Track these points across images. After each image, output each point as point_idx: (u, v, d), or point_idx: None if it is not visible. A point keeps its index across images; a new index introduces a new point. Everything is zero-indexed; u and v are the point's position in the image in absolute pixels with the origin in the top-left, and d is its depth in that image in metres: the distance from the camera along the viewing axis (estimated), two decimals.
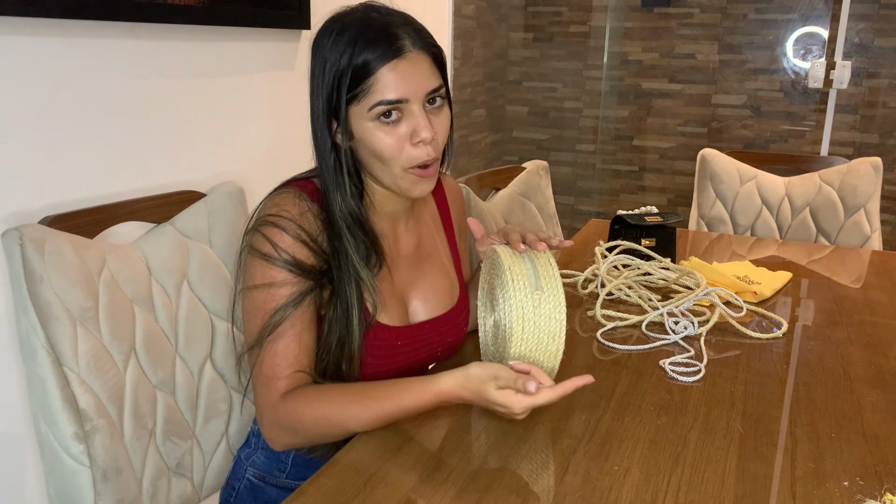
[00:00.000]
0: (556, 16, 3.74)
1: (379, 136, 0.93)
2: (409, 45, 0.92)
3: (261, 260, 0.94)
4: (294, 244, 0.94)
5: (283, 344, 0.93)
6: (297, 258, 0.94)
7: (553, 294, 0.94)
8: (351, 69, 0.91)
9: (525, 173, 1.93)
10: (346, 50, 0.91)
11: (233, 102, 1.55)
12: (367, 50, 0.90)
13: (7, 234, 0.96)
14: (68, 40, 1.19)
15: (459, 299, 1.12)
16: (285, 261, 0.93)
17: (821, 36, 3.26)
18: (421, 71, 0.93)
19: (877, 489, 0.82)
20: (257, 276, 0.94)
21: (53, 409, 0.95)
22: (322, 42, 0.95)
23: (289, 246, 0.94)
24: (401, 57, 0.91)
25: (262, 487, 1.09)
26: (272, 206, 0.97)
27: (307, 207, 0.96)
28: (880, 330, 1.31)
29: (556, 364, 0.97)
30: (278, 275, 0.93)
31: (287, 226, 0.94)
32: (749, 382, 1.08)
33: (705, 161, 2.31)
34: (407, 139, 0.93)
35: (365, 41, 0.91)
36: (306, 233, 0.95)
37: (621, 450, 0.89)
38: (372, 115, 0.92)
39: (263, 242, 0.94)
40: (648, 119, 3.67)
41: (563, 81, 3.81)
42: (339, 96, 0.92)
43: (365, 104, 0.92)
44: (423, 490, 0.80)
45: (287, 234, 0.94)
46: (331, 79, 0.93)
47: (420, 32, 0.95)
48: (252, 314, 0.95)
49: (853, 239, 2.17)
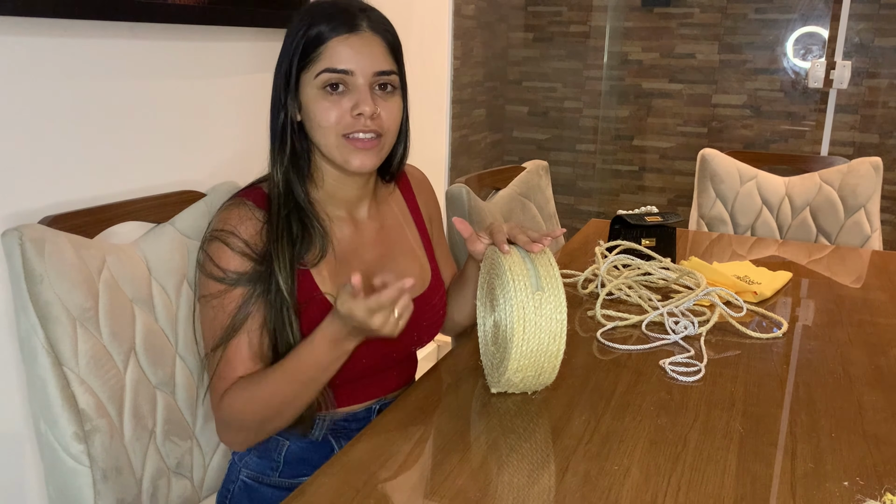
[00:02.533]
0: (556, 16, 3.74)
1: (323, 104, 0.97)
2: (364, 25, 0.97)
3: (205, 276, 0.99)
4: (233, 257, 0.98)
5: (231, 350, 0.97)
6: (237, 270, 0.97)
7: (554, 294, 0.94)
8: (304, 38, 0.96)
9: (525, 173, 1.93)
10: (303, 23, 0.97)
11: (233, 102, 1.55)
12: (322, 22, 0.96)
13: (7, 234, 0.95)
14: (68, 40, 1.19)
15: (431, 284, 1.13)
16: (228, 277, 0.97)
17: (821, 36, 3.26)
18: (371, 49, 0.97)
19: (877, 489, 0.82)
20: (205, 290, 0.99)
21: (53, 409, 0.95)
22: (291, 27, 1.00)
23: (230, 261, 0.98)
24: (354, 32, 0.96)
25: (256, 488, 1.09)
26: (218, 220, 1.01)
27: (249, 215, 1.00)
28: (880, 330, 1.31)
29: (557, 364, 0.97)
30: (221, 290, 0.97)
31: (227, 240, 0.98)
32: (749, 382, 1.08)
33: (705, 161, 2.31)
34: (348, 112, 0.97)
35: (322, 16, 0.97)
36: (244, 242, 0.98)
37: (621, 450, 0.89)
38: (318, 83, 0.96)
39: (207, 259, 0.99)
40: (648, 119, 3.67)
41: (563, 81, 3.81)
42: (290, 64, 0.98)
43: (313, 71, 0.96)
44: (424, 490, 0.80)
45: (227, 249, 0.98)
46: (289, 49, 0.98)
47: (379, 18, 1.00)
48: (204, 326, 1.00)
49: (853, 239, 2.17)
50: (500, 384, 1.01)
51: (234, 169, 1.57)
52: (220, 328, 0.97)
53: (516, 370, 0.96)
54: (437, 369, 1.13)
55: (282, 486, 1.08)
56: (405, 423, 0.95)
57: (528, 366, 0.96)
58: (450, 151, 3.02)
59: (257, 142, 1.64)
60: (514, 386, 1.00)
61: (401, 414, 0.98)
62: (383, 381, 1.12)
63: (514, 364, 0.95)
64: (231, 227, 0.99)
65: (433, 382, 1.08)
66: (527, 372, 0.97)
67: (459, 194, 1.58)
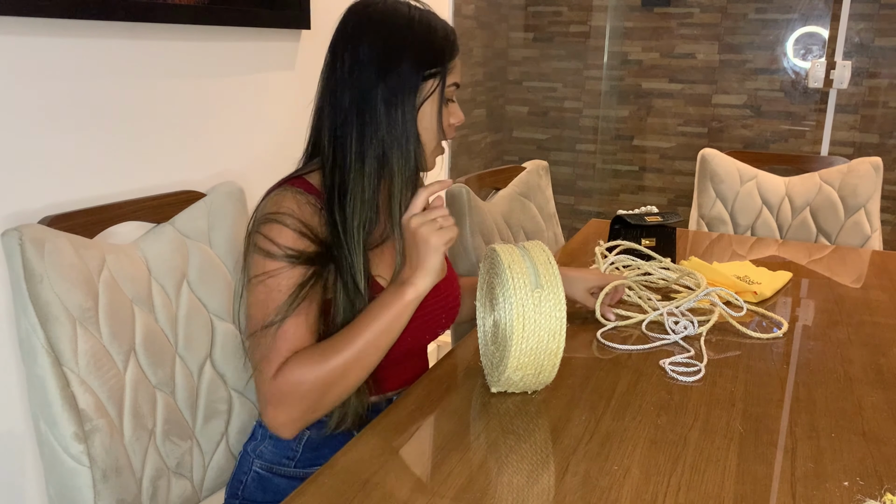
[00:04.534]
0: (556, 16, 3.74)
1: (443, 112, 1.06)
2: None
3: (262, 256, 0.97)
4: (294, 237, 0.97)
5: (285, 328, 0.96)
6: (297, 249, 0.97)
7: (553, 292, 0.94)
8: (447, 48, 1.04)
9: (525, 173, 1.93)
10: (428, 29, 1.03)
11: (233, 102, 1.55)
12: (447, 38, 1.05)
13: (7, 234, 0.95)
14: (67, 40, 1.19)
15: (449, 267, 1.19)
16: (286, 255, 0.96)
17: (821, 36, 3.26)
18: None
19: (877, 489, 0.82)
20: (259, 270, 0.97)
21: (53, 409, 0.95)
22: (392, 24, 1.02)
23: (289, 240, 0.97)
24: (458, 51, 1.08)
25: (269, 478, 1.10)
26: (271, 204, 1.00)
27: (304, 200, 1.00)
28: (880, 330, 1.31)
29: (557, 362, 0.97)
30: (279, 267, 0.96)
31: (286, 220, 0.98)
32: (749, 382, 1.08)
33: (705, 161, 2.31)
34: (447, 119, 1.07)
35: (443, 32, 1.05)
36: (305, 225, 0.98)
37: (621, 450, 0.89)
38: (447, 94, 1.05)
39: (264, 240, 0.97)
40: (648, 119, 3.67)
41: (563, 81, 3.81)
42: (433, 68, 1.03)
43: (447, 81, 1.05)
44: (423, 490, 0.80)
45: (287, 229, 0.97)
46: (430, 56, 1.02)
47: None
48: (255, 307, 0.97)
49: (853, 239, 2.17)
50: (500, 383, 1.01)
51: (234, 169, 1.57)
52: (274, 307, 0.95)
53: (516, 368, 0.96)
54: (437, 369, 1.13)
55: (296, 476, 1.09)
56: (405, 423, 0.95)
57: (528, 364, 0.96)
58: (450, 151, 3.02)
59: (257, 142, 1.64)
60: (513, 385, 1.00)
61: (401, 414, 0.98)
62: (407, 370, 1.14)
63: (514, 362, 0.95)
64: (287, 209, 0.99)
65: (433, 382, 1.08)
66: (527, 370, 0.97)
67: (459, 194, 1.58)
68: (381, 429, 0.93)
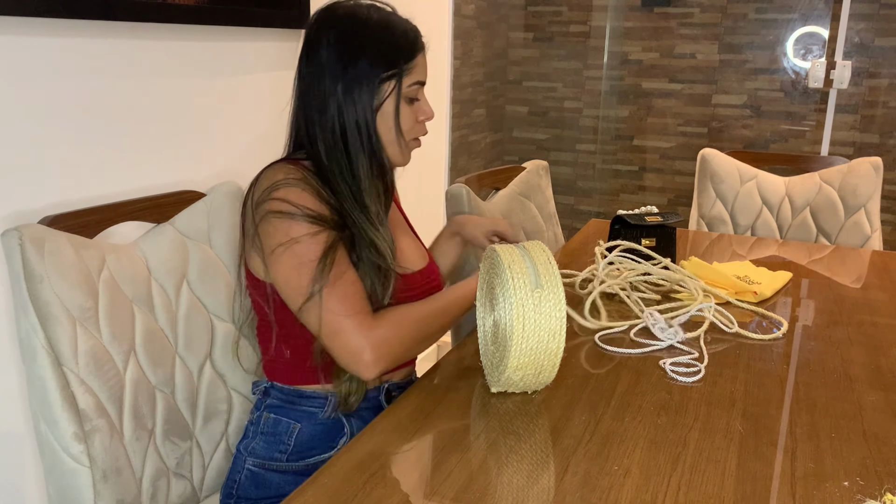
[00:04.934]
0: (556, 15, 3.74)
1: (405, 111, 1.08)
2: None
3: (285, 219, 0.98)
4: (310, 198, 1.00)
5: (347, 282, 0.99)
6: (317, 210, 1.00)
7: (553, 292, 0.94)
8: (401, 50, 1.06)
9: (525, 173, 1.93)
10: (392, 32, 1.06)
11: (233, 102, 1.55)
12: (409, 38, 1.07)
13: (7, 234, 0.95)
14: (68, 40, 1.19)
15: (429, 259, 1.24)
16: (307, 214, 0.98)
17: (821, 36, 3.26)
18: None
19: (877, 489, 0.82)
20: (285, 234, 0.98)
21: (53, 409, 0.95)
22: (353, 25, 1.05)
23: (307, 200, 1.00)
24: (424, 48, 1.10)
25: (262, 475, 1.10)
26: (276, 173, 1.02)
27: (304, 174, 1.03)
28: (880, 330, 1.31)
29: (557, 362, 0.97)
30: (307, 227, 0.98)
31: (299, 184, 1.01)
32: (749, 382, 1.08)
33: (705, 161, 2.31)
34: (415, 117, 1.10)
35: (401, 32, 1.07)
36: (314, 189, 1.01)
37: (621, 450, 0.89)
38: (409, 93, 1.07)
39: (281, 203, 0.99)
40: (648, 119, 3.67)
41: (563, 81, 3.80)
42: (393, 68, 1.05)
43: (407, 80, 1.06)
44: (423, 490, 0.80)
45: (303, 192, 1.00)
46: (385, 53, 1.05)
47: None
48: (297, 270, 0.98)
49: (853, 239, 2.17)
50: (500, 383, 1.01)
51: (234, 169, 1.57)
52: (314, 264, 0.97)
53: (516, 368, 0.96)
54: (437, 369, 1.13)
55: (289, 470, 1.10)
56: (405, 423, 0.95)
57: (528, 364, 0.96)
58: (450, 151, 3.02)
59: (257, 142, 1.64)
60: (513, 385, 1.00)
61: (401, 414, 0.98)
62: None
63: (514, 362, 0.95)
64: (296, 174, 1.02)
65: (433, 382, 1.08)
66: (527, 370, 0.97)
67: (459, 194, 1.58)
68: (381, 429, 0.93)
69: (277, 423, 1.11)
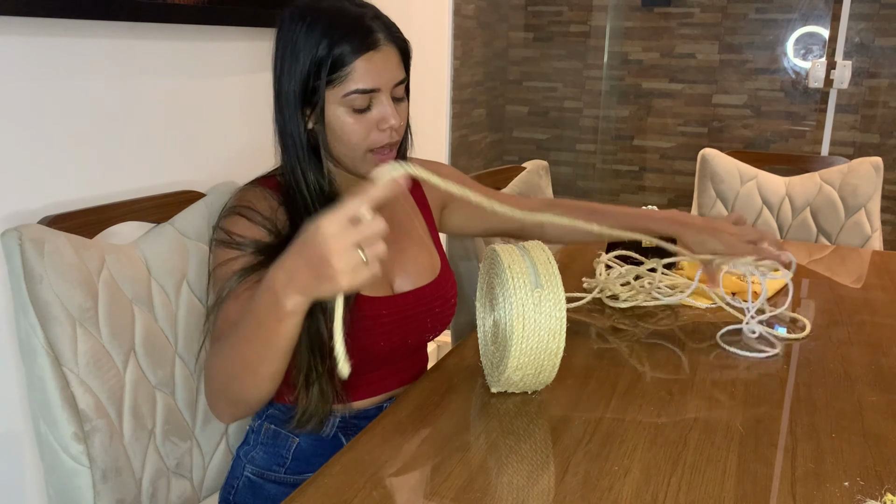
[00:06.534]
0: (557, 15, 3.74)
1: (349, 121, 0.98)
2: (382, 39, 0.97)
3: (220, 247, 1.00)
4: (248, 225, 0.99)
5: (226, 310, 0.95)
6: (248, 237, 0.98)
7: (553, 291, 0.94)
8: (330, 58, 0.95)
9: (525, 173, 1.93)
10: (322, 39, 0.95)
11: (233, 102, 1.55)
12: (344, 40, 0.95)
13: (6, 234, 0.95)
14: (68, 40, 1.18)
15: (441, 271, 1.15)
16: (241, 243, 0.98)
17: (821, 36, 3.26)
18: (392, 63, 0.99)
19: (877, 489, 0.82)
20: (215, 261, 1.00)
21: (53, 410, 0.95)
22: (293, 28, 0.98)
23: (244, 229, 0.99)
24: (375, 49, 0.96)
25: (260, 484, 1.09)
26: (234, 199, 1.04)
27: (266, 195, 1.02)
28: (880, 330, 1.31)
29: (557, 362, 0.97)
30: (228, 252, 0.98)
31: (243, 212, 1.00)
32: (749, 382, 1.08)
33: (706, 161, 2.31)
34: (374, 125, 0.99)
35: (342, 31, 0.95)
36: (261, 215, 1.00)
37: (621, 450, 0.89)
38: (345, 102, 0.97)
39: (220, 232, 1.01)
40: (648, 119, 3.67)
41: (563, 81, 3.81)
42: (317, 82, 0.96)
43: (339, 91, 0.96)
44: (423, 490, 0.80)
45: (242, 219, 1.00)
46: (307, 65, 0.96)
47: (390, 27, 1.00)
48: (212, 293, 1.00)
49: (854, 239, 2.17)
50: (500, 383, 1.01)
51: (233, 169, 1.56)
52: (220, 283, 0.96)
53: (516, 368, 0.96)
54: (436, 369, 1.13)
55: (287, 482, 1.09)
56: (405, 423, 0.95)
57: (528, 364, 0.96)
58: (450, 151, 3.02)
59: (257, 141, 1.64)
60: (513, 385, 1.00)
61: (401, 414, 0.98)
62: (395, 375, 1.13)
63: (514, 362, 0.95)
64: (246, 201, 1.02)
65: (433, 382, 1.08)
66: (526, 370, 0.97)
67: None
68: (381, 429, 0.93)
69: (277, 435, 1.09)
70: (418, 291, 1.10)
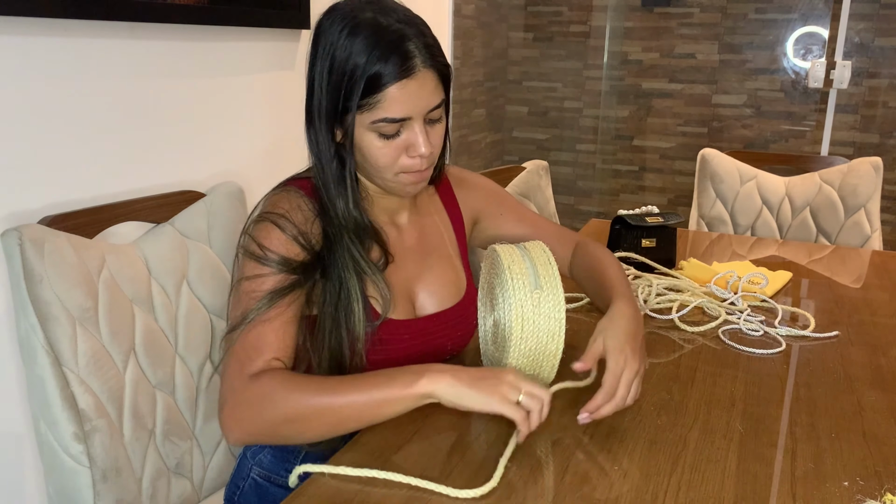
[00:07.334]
0: (556, 15, 3.74)
1: (377, 145, 0.94)
2: (419, 64, 0.92)
3: (250, 258, 0.95)
4: (283, 241, 0.95)
5: (265, 330, 0.91)
6: (285, 255, 0.94)
7: (552, 293, 0.94)
8: (364, 80, 0.91)
9: (525, 173, 1.93)
10: (358, 56, 0.91)
11: (233, 102, 1.55)
12: (380, 62, 0.90)
13: (7, 234, 0.95)
14: (68, 40, 1.19)
15: (467, 292, 1.12)
16: (272, 259, 0.94)
17: (821, 36, 3.26)
18: (427, 90, 0.93)
19: (877, 489, 0.82)
20: (241, 272, 0.95)
21: (53, 410, 0.95)
22: (330, 37, 0.94)
23: (277, 243, 0.95)
24: (411, 77, 0.91)
25: (266, 487, 1.09)
26: (267, 204, 0.99)
27: (299, 204, 0.98)
28: (880, 330, 1.31)
29: (556, 363, 0.97)
30: (265, 269, 0.94)
31: (278, 221, 0.95)
32: (749, 382, 1.08)
33: (705, 161, 2.31)
34: (403, 151, 0.95)
35: (380, 52, 0.90)
36: (296, 228, 0.96)
37: (621, 450, 0.89)
38: (373, 128, 0.93)
39: (252, 242, 0.95)
40: (648, 119, 3.67)
41: (563, 81, 3.81)
42: (348, 103, 0.92)
43: (368, 116, 0.92)
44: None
45: (276, 231, 0.95)
46: (340, 82, 0.92)
47: (431, 48, 0.94)
48: (236, 304, 0.94)
49: (853, 239, 2.17)
50: None
51: (233, 169, 1.57)
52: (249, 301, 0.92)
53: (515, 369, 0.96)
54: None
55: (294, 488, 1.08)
56: (405, 422, 0.95)
57: (527, 365, 0.96)
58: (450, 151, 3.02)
59: (257, 142, 1.64)
60: None
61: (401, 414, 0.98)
62: None
63: (513, 363, 0.95)
64: (283, 210, 0.96)
65: None
66: (526, 371, 0.97)
67: None
68: (381, 429, 0.93)
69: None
70: (442, 315, 1.08)
